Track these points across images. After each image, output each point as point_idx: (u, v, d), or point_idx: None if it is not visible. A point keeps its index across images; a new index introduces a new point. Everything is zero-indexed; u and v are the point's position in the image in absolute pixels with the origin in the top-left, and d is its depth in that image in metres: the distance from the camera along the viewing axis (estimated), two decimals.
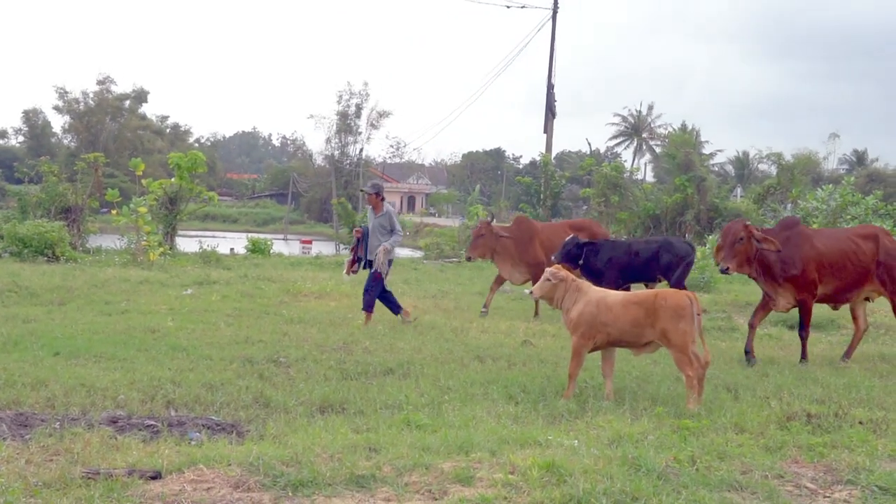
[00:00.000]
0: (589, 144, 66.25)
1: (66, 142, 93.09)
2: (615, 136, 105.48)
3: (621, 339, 10.24)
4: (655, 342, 10.14)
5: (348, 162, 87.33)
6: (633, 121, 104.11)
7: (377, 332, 14.30)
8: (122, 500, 6.13)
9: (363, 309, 15.53)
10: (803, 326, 13.47)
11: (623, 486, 6.58)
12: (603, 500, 6.35)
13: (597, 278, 15.74)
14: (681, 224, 32.96)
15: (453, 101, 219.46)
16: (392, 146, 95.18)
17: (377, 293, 15.53)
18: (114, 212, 30.44)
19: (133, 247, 27.46)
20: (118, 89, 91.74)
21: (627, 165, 44.04)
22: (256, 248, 31.71)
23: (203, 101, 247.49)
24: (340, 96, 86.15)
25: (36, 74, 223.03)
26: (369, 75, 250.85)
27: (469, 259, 19.38)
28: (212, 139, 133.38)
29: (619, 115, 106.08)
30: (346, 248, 38.33)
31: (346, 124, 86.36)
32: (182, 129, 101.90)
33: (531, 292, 10.75)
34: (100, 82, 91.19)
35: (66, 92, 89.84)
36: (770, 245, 12.91)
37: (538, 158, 40.96)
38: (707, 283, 22.82)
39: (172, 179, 30.23)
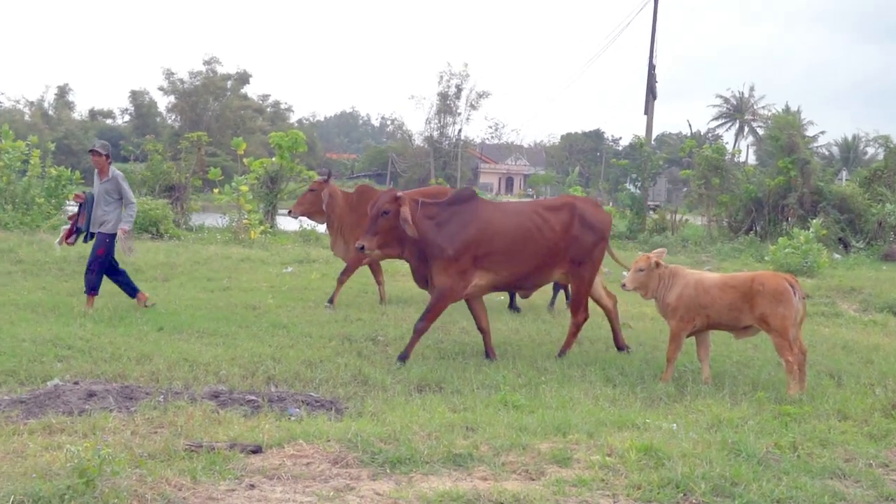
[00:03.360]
0: (689, 126, 65.55)
1: (170, 121, 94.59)
2: (716, 118, 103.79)
3: (720, 322, 10.18)
4: (755, 326, 10.02)
5: (447, 142, 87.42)
6: (734, 102, 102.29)
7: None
8: (224, 472, 6.23)
9: (86, 292, 13.50)
10: (423, 318, 10.95)
11: (722, 471, 6.52)
12: (702, 484, 6.29)
13: None
14: (783, 207, 32.30)
15: (553, 82, 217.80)
16: (491, 127, 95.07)
17: (101, 273, 13.55)
18: (216, 190, 30.90)
19: (234, 225, 27.82)
20: (222, 70, 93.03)
21: (729, 147, 43.47)
22: None
23: (304, 82, 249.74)
24: (441, 77, 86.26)
25: (144, 57, 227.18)
26: (469, 56, 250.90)
27: (291, 214, 16.42)
28: (311, 119, 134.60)
29: (720, 96, 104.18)
30: None
31: (445, 105, 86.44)
32: (283, 108, 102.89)
33: (624, 284, 10.57)
34: (206, 62, 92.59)
35: (172, 73, 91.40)
36: (409, 228, 10.51)
37: (636, 140, 40.46)
38: (810, 268, 22.39)
39: (273, 159, 30.54)
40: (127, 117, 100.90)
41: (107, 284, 13.62)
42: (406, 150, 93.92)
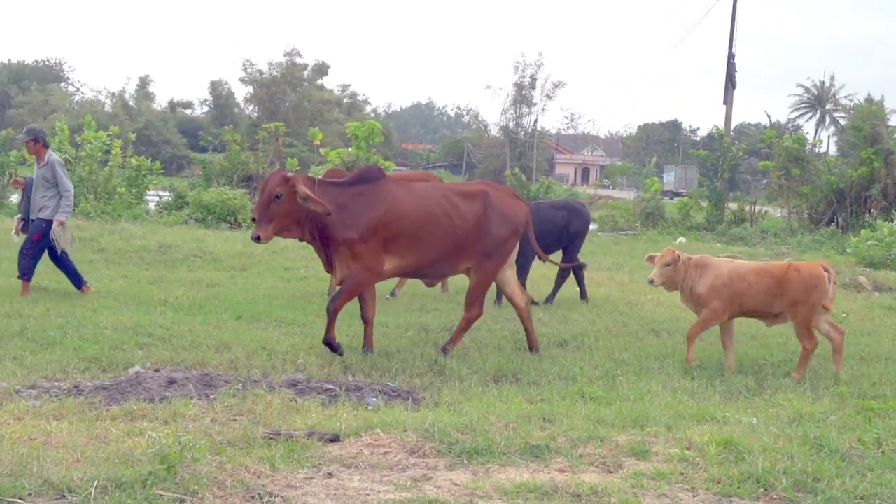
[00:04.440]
0: (769, 116, 64.78)
1: (248, 112, 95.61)
2: (797, 108, 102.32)
3: (755, 310, 10.27)
4: (784, 314, 10.14)
5: (523, 133, 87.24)
6: (815, 92, 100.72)
7: (552, 305, 14.29)
8: (302, 460, 6.27)
9: (19, 277, 13.26)
10: (335, 298, 10.25)
11: (804, 466, 6.42)
12: (783, 479, 6.20)
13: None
14: (866, 199, 31.79)
15: (630, 72, 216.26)
16: (566, 117, 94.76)
17: (36, 259, 13.33)
18: None
19: None
20: (301, 61, 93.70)
21: (809, 138, 42.76)
22: None
23: (381, 73, 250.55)
24: (516, 66, 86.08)
25: (224, 48, 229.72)
26: (544, 45, 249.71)
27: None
28: (388, 110, 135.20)
29: (801, 85, 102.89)
30: None
31: (521, 95, 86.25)
32: (359, 99, 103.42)
33: (651, 280, 10.49)
34: (287, 54, 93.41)
35: (252, 64, 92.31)
36: (317, 205, 9.83)
37: (715, 131, 40.04)
38: (894, 261, 21.99)
39: (350, 149, 30.69)
40: (206, 108, 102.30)
41: (144, 272, 13.66)
42: (481, 141, 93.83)
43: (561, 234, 14.89)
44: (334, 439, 6.76)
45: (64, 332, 10.28)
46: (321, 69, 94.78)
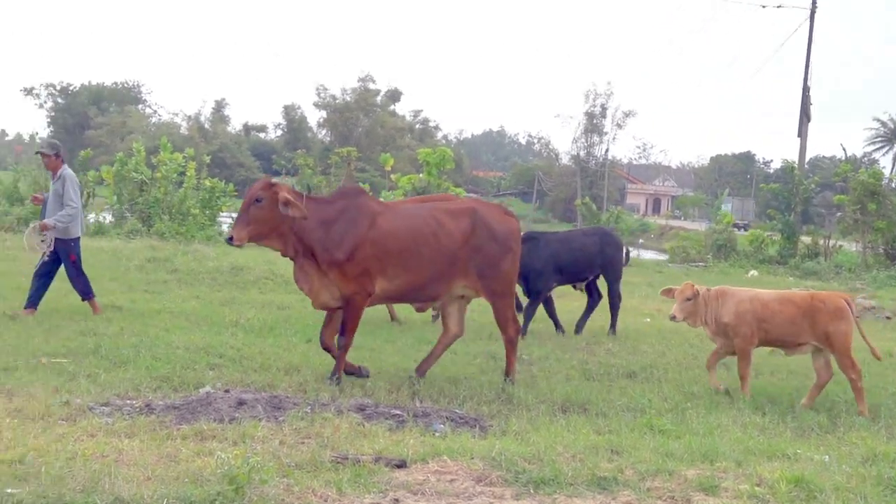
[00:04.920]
0: (844, 150, 64.05)
1: (320, 136, 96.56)
2: (872, 142, 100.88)
3: (778, 339, 10.25)
4: (810, 344, 10.07)
5: (594, 162, 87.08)
6: (892, 126, 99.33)
7: (620, 335, 14.21)
8: (369, 485, 6.28)
9: (83, 299, 13.11)
10: (343, 333, 10.14)
11: None
12: None
13: (530, 282, 14.05)
14: None
15: (702, 103, 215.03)
16: (638, 147, 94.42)
17: (82, 276, 13.05)
18: None
19: None
20: (375, 87, 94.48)
21: (886, 172, 42.14)
22: None
23: (453, 100, 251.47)
24: (587, 95, 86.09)
25: (298, 73, 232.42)
26: (614, 75, 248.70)
27: None
28: (459, 137, 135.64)
29: (877, 119, 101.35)
30: None
31: (592, 124, 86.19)
32: (431, 125, 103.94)
33: (673, 316, 10.48)
34: (360, 80, 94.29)
35: (326, 89, 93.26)
36: (296, 210, 9.59)
37: (786, 164, 39.60)
38: None
39: (421, 175, 30.87)
40: (279, 132, 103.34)
41: (216, 293, 13.76)
42: (552, 169, 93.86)
43: (594, 260, 14.76)
44: (401, 465, 6.77)
45: (137, 351, 10.42)
46: (394, 95, 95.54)
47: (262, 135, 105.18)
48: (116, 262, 19.45)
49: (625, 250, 15.80)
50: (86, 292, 13.05)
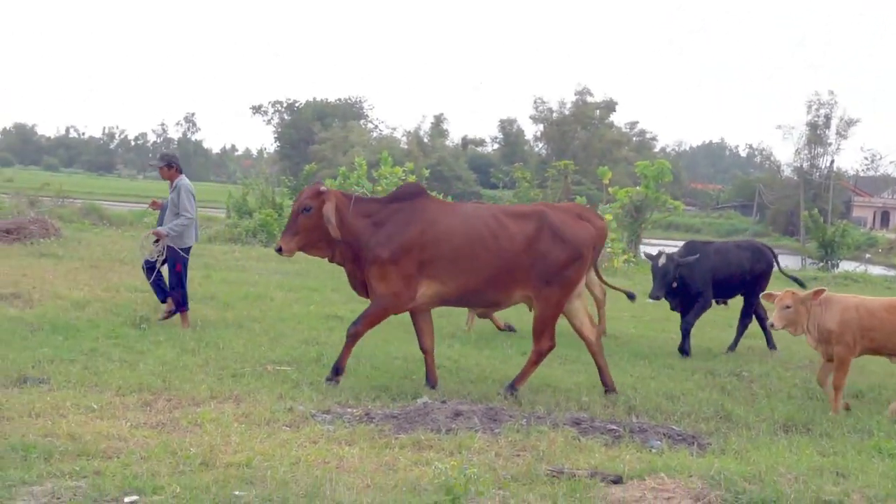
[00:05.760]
0: None
1: (537, 149, 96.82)
2: None
3: (884, 346, 9.90)
4: None
5: (818, 174, 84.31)
6: None
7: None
8: (584, 500, 6.26)
9: (176, 310, 12.84)
10: (358, 321, 9.84)
11: None
12: None
13: (689, 303, 13.30)
14: None
15: None
16: (866, 158, 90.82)
17: (183, 288, 12.81)
18: None
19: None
20: (592, 99, 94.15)
21: None
22: None
23: (671, 112, 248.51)
24: (809, 105, 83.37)
25: (515, 87, 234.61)
26: (836, 83, 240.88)
27: None
28: (677, 149, 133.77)
29: None
30: (813, 263, 36.84)
31: (815, 135, 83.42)
32: (648, 137, 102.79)
33: (772, 324, 10.12)
34: (577, 93, 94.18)
35: (543, 102, 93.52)
36: (332, 229, 9.40)
37: None
38: None
39: (638, 188, 30.53)
40: (496, 145, 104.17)
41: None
42: (774, 182, 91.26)
43: (745, 275, 14.07)
44: (617, 481, 6.72)
45: (357, 361, 10.66)
46: (609, 106, 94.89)
47: (479, 148, 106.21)
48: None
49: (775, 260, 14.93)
50: (180, 304, 12.85)
